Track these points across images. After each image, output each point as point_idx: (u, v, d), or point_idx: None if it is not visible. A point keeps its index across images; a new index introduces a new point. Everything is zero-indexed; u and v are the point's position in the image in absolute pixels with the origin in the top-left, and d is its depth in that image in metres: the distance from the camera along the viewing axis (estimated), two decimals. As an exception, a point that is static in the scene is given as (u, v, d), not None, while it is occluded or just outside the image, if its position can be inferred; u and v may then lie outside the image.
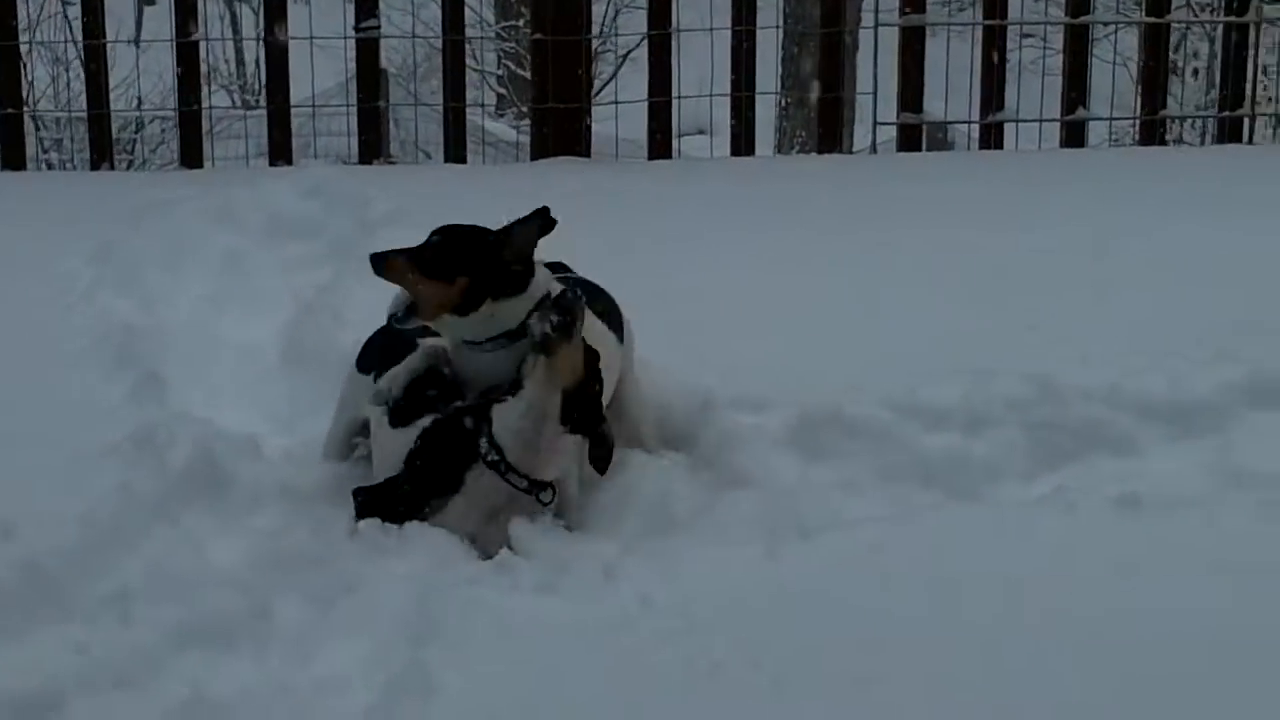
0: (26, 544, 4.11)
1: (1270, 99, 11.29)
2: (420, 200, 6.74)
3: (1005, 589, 3.95)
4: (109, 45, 8.44)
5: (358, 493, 4.48)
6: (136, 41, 12.93)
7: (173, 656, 3.91)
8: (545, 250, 4.54)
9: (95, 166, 8.45)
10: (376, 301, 5.16)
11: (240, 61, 19.75)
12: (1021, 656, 3.65)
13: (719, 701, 3.54)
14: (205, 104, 8.57)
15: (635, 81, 9.12)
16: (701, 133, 9.59)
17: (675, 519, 4.51)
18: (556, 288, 4.44)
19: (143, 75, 11.57)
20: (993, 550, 4.21)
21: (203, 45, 8.54)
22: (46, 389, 5.03)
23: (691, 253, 6.20)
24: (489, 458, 4.34)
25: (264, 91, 8.51)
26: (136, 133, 13.23)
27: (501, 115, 16.70)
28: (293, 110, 8.48)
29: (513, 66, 17.60)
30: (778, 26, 9.99)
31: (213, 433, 4.76)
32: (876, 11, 8.55)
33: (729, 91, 8.45)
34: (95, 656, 3.87)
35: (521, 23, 15.47)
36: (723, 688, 3.58)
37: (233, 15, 19.48)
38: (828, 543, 4.22)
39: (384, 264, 4.54)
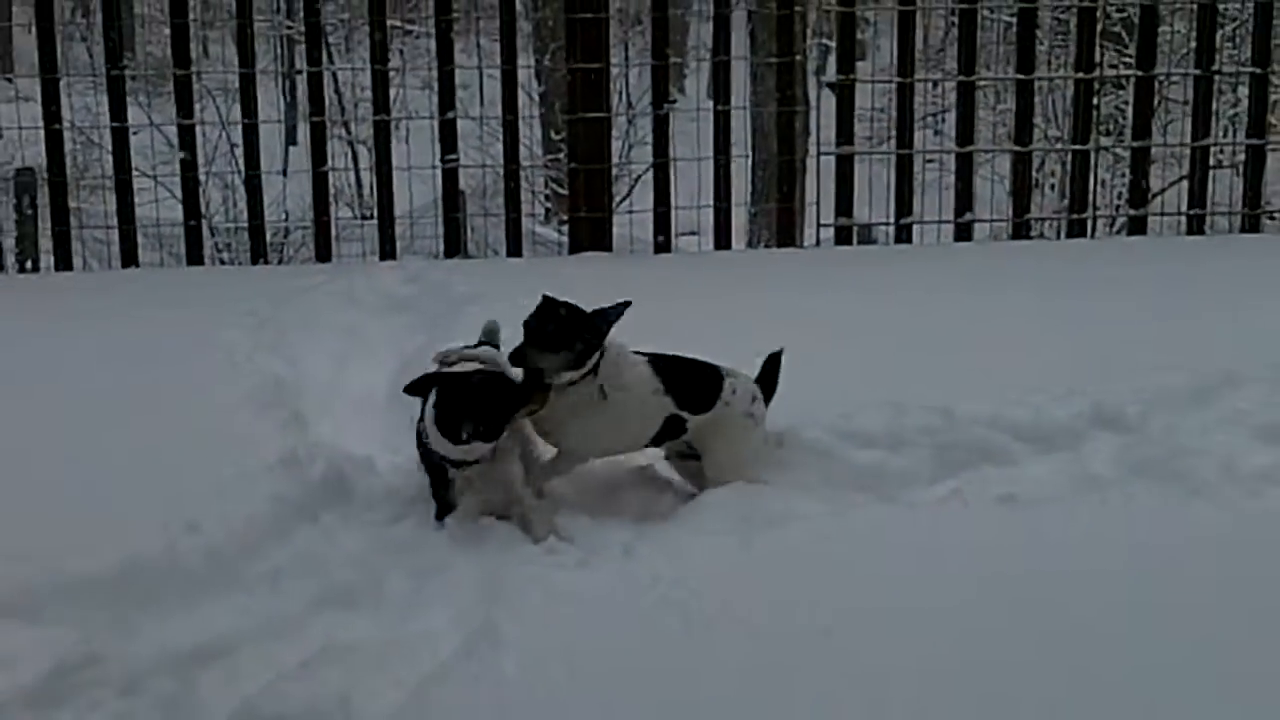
0: (208, 536, 4.13)
1: (1105, 204, 11.30)
2: (491, 285, 6.74)
3: (918, 564, 3.95)
4: (264, 174, 8.45)
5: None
6: (284, 172, 13.00)
7: (312, 616, 3.94)
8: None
9: (254, 262, 8.47)
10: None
11: (359, 184, 19.81)
12: (932, 607, 3.67)
13: (710, 647, 3.54)
14: (333, 215, 8.52)
15: (643, 196, 9.09)
16: (694, 233, 9.54)
17: (675, 513, 4.50)
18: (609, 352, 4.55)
19: (288, 197, 11.67)
20: (908, 536, 4.20)
21: (331, 174, 8.51)
22: (220, 425, 5.03)
23: (682, 313, 6.19)
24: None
25: (376, 206, 8.48)
26: (285, 238, 13.25)
27: (548, 222, 16.69)
28: (396, 220, 8.49)
29: (556, 187, 17.59)
30: (747, 156, 9.96)
31: (340, 454, 4.76)
32: (819, 143, 8.59)
33: (713, 203, 8.44)
34: (256, 616, 3.90)
35: (562, 155, 15.54)
36: (713, 637, 3.57)
37: (353, 150, 19.56)
38: (788, 531, 4.21)
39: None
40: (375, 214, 8.47)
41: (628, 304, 4.60)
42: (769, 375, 4.89)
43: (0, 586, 3.86)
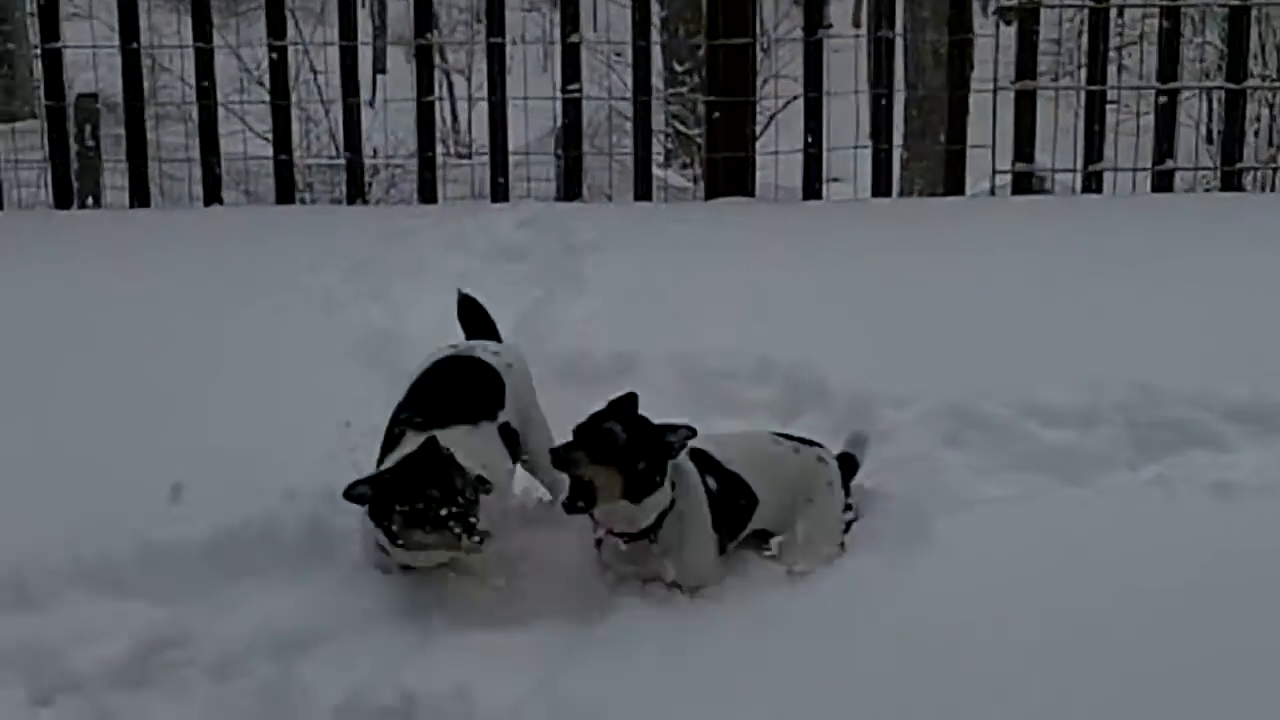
0: (309, 504, 4.19)
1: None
2: (616, 231, 6.76)
3: (1116, 559, 3.92)
4: (361, 104, 8.51)
5: None
6: (372, 103, 13.09)
7: (423, 596, 3.95)
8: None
9: (350, 202, 8.54)
10: (586, 312, 5.18)
11: (454, 117, 19.96)
12: (1131, 608, 3.66)
13: (870, 650, 3.55)
14: (437, 151, 8.54)
15: (783, 137, 8.95)
16: (837, 180, 9.43)
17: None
18: None
19: (377, 130, 11.71)
20: (1105, 527, 4.15)
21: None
22: (320, 382, 5.09)
23: (838, 272, 6.17)
24: None
25: (489, 140, 8.47)
26: (374, 176, 13.36)
27: (668, 165, 16.66)
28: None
29: (679, 125, 17.53)
30: (902, 90, 9.84)
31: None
32: (995, 78, 8.42)
33: (871, 144, 8.36)
34: (363, 595, 3.95)
35: (686, 89, 15.49)
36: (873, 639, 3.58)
37: (448, 80, 19.72)
38: (967, 519, 4.18)
39: None
40: (488, 149, 8.48)
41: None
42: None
43: (83, 555, 3.97)
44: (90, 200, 10.13)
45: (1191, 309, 5.75)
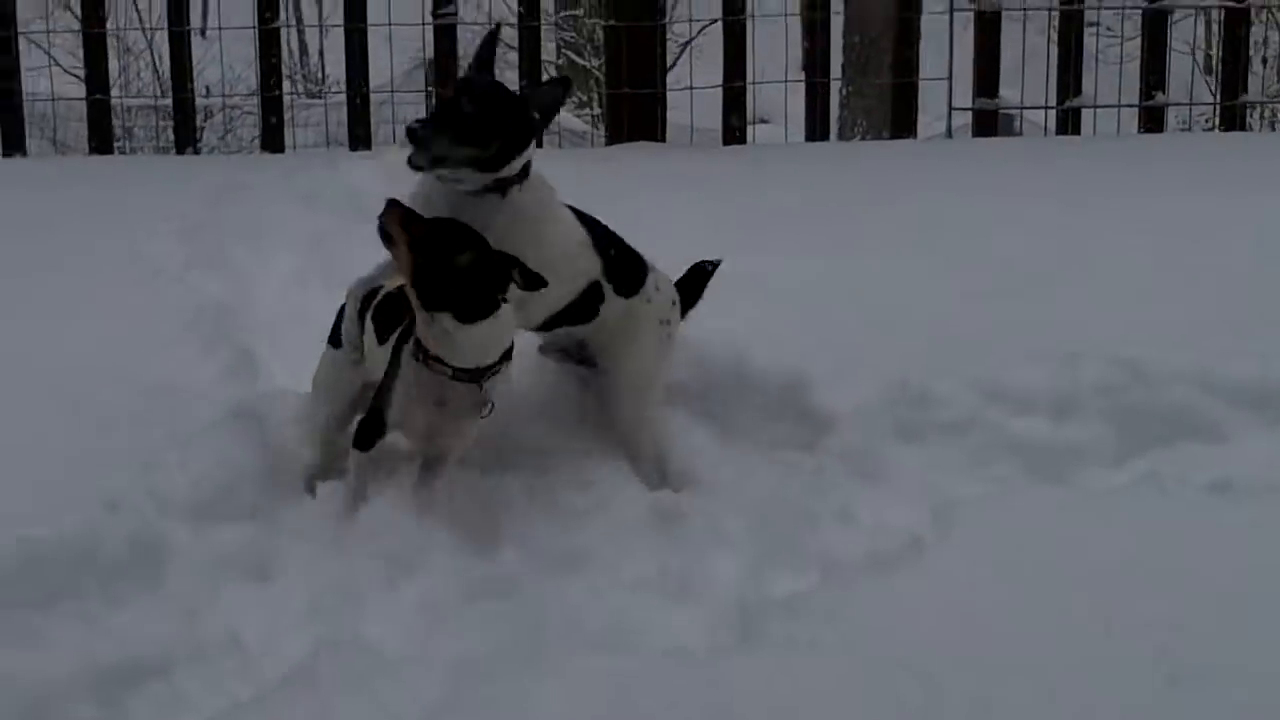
0: (136, 516, 4.17)
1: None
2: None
3: (1099, 568, 3.94)
4: (191, 32, 8.47)
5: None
6: (204, 30, 13.01)
7: (276, 623, 3.99)
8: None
9: (180, 150, 8.49)
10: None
11: (304, 51, 19.83)
12: (1119, 624, 3.66)
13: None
14: (284, 89, 8.54)
15: (690, 69, 8.98)
16: (764, 121, 9.49)
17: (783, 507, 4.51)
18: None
19: (210, 64, 11.68)
20: (1084, 531, 4.17)
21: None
22: (148, 368, 5.05)
23: (767, 234, 6.19)
24: (415, 354, 4.34)
25: (345, 77, 8.48)
26: (206, 120, 13.27)
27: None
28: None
29: (572, 56, 17.51)
30: (840, 12, 9.92)
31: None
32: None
33: (803, 79, 8.41)
34: (200, 623, 3.95)
35: (581, 12, 15.47)
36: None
37: (296, 4, 19.57)
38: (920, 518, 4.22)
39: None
40: (344, 87, 8.48)
41: (566, 84, 4.70)
42: (692, 285, 4.97)
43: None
44: None
45: (1185, 273, 5.82)
